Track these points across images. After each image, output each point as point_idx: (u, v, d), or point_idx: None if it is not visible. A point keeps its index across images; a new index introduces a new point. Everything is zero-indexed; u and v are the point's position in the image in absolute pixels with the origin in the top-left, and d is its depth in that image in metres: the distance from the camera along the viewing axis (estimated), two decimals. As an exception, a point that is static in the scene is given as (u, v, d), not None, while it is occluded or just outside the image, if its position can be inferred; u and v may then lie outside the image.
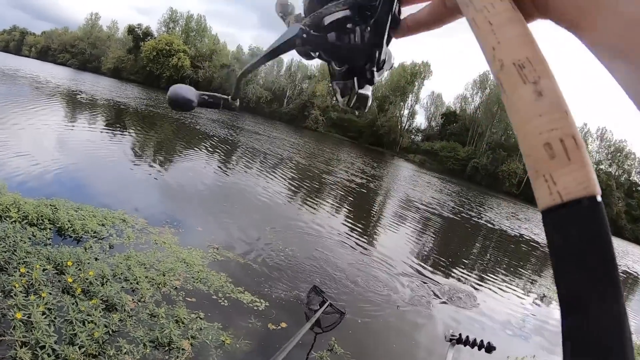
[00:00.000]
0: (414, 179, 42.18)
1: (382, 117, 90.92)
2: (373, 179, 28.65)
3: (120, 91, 46.63)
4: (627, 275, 23.63)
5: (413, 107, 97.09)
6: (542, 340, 8.22)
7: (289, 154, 27.46)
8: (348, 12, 0.57)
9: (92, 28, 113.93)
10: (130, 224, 7.10)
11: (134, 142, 16.46)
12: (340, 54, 0.60)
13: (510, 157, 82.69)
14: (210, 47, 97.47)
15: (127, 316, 4.37)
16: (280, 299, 6.12)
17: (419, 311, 7.36)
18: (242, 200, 11.76)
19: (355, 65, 0.61)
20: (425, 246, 13.01)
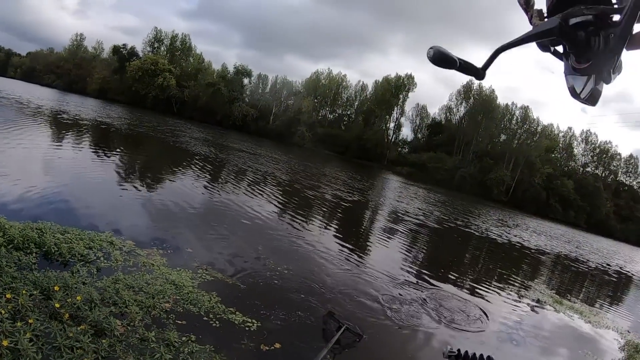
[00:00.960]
0: (402, 191, 42.26)
1: (369, 130, 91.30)
2: (361, 193, 28.69)
3: (106, 112, 46.45)
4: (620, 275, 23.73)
5: (399, 120, 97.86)
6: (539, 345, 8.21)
7: (277, 171, 27.46)
8: (591, 18, 0.68)
9: (77, 49, 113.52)
10: (117, 246, 7.01)
11: (119, 163, 16.36)
12: (585, 53, 0.70)
13: (497, 165, 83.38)
14: (196, 66, 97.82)
15: (117, 341, 4.26)
16: (272, 318, 6.05)
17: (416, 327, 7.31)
18: (231, 219, 11.69)
19: (596, 65, 0.70)
20: (417, 258, 13.00)
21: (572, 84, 0.75)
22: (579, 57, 0.71)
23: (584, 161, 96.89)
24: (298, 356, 5.25)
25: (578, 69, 0.72)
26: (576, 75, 0.74)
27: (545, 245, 28.83)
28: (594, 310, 12.78)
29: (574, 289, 16.23)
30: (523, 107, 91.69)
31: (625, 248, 58.85)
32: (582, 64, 0.71)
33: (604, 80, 0.72)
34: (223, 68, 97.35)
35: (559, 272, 19.65)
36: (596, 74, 0.71)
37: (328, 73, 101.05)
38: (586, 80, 0.73)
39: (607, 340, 10.16)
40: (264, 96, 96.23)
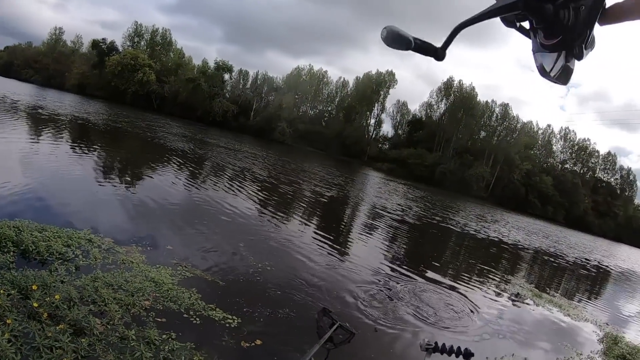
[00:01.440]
0: (382, 187, 42.44)
1: (349, 127, 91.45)
2: (341, 189, 28.77)
3: (85, 107, 45.87)
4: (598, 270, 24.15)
5: (379, 116, 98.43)
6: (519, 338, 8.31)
7: (256, 168, 27.40)
8: None
9: (56, 43, 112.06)
10: (96, 244, 6.94)
11: (98, 159, 16.20)
12: (554, 27, 0.65)
13: (477, 161, 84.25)
14: (176, 61, 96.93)
15: (97, 340, 4.23)
16: (253, 315, 6.05)
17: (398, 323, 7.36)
18: (210, 215, 11.64)
19: (567, 40, 0.66)
20: (396, 253, 13.07)
21: (541, 62, 0.72)
22: (548, 33, 0.68)
23: (562, 158, 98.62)
24: (279, 353, 5.25)
25: (547, 45, 0.69)
26: (545, 53, 0.71)
27: (524, 240, 29.20)
28: (573, 304, 13.00)
29: (553, 283, 16.49)
30: (503, 105, 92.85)
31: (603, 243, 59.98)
32: (551, 39, 0.68)
33: (576, 56, 0.69)
34: (204, 63, 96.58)
35: (538, 267, 19.93)
36: (567, 50, 0.69)
37: (309, 69, 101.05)
38: (556, 57, 0.70)
39: (586, 332, 10.35)
40: (244, 92, 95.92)
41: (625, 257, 45.08)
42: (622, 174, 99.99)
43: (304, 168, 37.42)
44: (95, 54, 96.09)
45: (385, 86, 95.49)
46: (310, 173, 33.91)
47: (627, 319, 13.83)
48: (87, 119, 32.76)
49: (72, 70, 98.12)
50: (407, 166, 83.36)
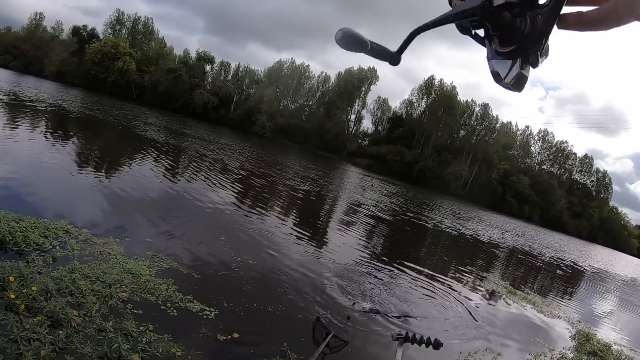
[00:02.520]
0: (361, 182, 42.62)
1: (329, 122, 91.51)
2: (321, 183, 28.84)
3: (63, 95, 45.22)
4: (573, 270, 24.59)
5: (360, 112, 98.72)
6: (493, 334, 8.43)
7: (236, 161, 27.36)
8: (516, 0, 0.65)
9: (36, 28, 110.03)
10: (73, 235, 6.90)
11: (76, 149, 16.02)
12: (511, 35, 0.66)
13: (455, 159, 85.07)
14: (157, 51, 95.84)
15: (74, 332, 4.24)
16: (230, 307, 6.08)
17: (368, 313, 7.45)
18: (188, 207, 11.62)
19: (522, 48, 0.67)
20: (372, 248, 13.15)
21: (496, 69, 0.74)
22: (503, 40, 0.69)
23: (540, 159, 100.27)
24: (256, 346, 5.30)
25: (502, 53, 0.70)
26: (500, 60, 0.72)
27: (500, 238, 29.62)
28: (547, 301, 13.27)
29: (528, 281, 16.77)
30: (483, 105, 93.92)
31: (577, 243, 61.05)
32: (507, 47, 0.69)
33: (531, 64, 0.70)
34: (185, 54, 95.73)
35: (513, 265, 20.24)
36: (522, 58, 0.70)
37: (291, 63, 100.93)
38: (511, 65, 0.71)
39: (559, 329, 10.59)
40: (225, 84, 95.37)
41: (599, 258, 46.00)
42: (598, 177, 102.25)
43: (283, 162, 37.43)
44: (75, 40, 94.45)
45: (367, 82, 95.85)
46: (289, 167, 33.93)
47: (598, 317, 14.17)
48: (65, 107, 32.34)
49: (51, 57, 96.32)
50: (386, 162, 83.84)
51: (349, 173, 54.09)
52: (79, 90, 67.91)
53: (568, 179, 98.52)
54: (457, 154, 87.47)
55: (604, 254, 59.42)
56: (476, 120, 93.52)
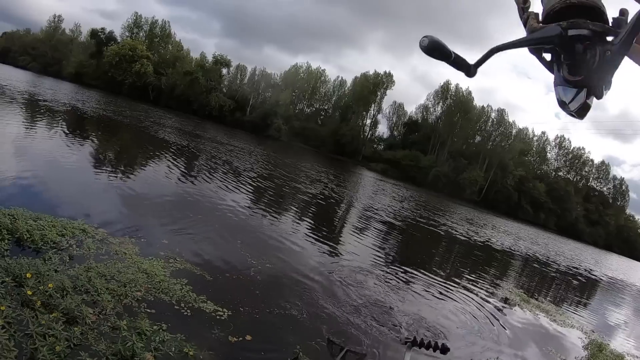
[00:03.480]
0: (376, 187, 42.55)
1: (345, 126, 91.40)
2: (335, 188, 28.82)
3: (81, 97, 45.72)
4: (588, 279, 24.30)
5: (375, 117, 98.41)
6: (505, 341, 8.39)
7: (251, 164, 27.43)
8: (589, 33, 0.69)
9: (55, 31, 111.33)
10: (90, 234, 6.98)
11: (94, 150, 16.21)
12: (580, 66, 0.70)
13: (471, 165, 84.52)
14: (174, 54, 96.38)
15: (89, 329, 4.29)
16: (244, 310, 6.10)
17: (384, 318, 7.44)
18: (203, 210, 11.67)
19: (590, 80, 0.71)
20: (388, 255, 13.12)
21: (561, 96, 0.78)
22: (572, 69, 0.73)
23: (556, 165, 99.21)
24: (268, 349, 5.32)
25: (570, 81, 0.74)
26: (567, 87, 0.76)
27: (515, 246, 29.38)
28: (560, 310, 13.15)
29: (542, 289, 16.63)
30: (499, 110, 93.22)
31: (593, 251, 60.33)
32: (575, 76, 0.73)
33: (596, 95, 0.73)
34: (202, 57, 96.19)
35: (528, 273, 20.07)
36: (588, 88, 0.73)
37: (307, 67, 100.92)
38: (576, 93, 0.75)
39: (572, 338, 10.49)
40: (241, 87, 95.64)
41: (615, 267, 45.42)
42: (615, 184, 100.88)
43: (297, 165, 37.48)
44: (93, 43, 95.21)
45: (383, 87, 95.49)
46: (304, 171, 33.96)
47: (612, 328, 13.99)
48: (82, 108, 32.71)
49: (69, 59, 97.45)
50: (401, 167, 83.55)
51: (364, 178, 54.04)
52: (96, 92, 68.56)
53: (584, 186, 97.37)
54: (472, 159, 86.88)
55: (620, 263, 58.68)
56: (492, 125, 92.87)
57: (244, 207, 13.34)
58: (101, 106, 39.82)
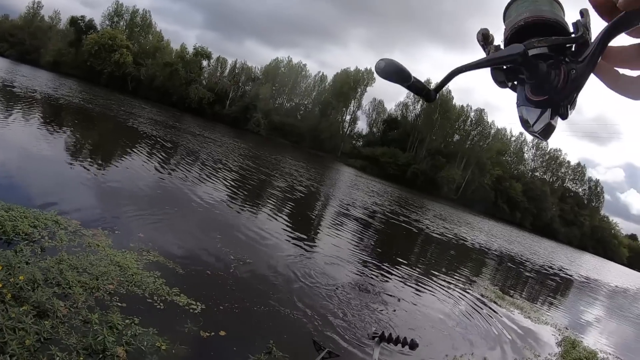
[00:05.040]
0: (354, 183, 42.66)
1: (325, 121, 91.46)
2: (314, 183, 28.85)
3: (58, 86, 44.99)
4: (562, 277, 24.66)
5: (355, 113, 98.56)
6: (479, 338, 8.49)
7: (229, 158, 27.30)
8: (547, 50, 0.68)
9: (34, 17, 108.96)
10: (62, 225, 6.89)
11: (69, 140, 15.98)
12: (544, 85, 0.68)
13: (449, 163, 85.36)
14: (154, 45, 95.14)
15: (60, 323, 4.25)
16: (218, 304, 6.09)
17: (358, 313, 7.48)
18: (178, 202, 11.59)
19: (554, 99, 0.68)
20: (364, 249, 13.16)
21: (525, 116, 0.76)
22: (536, 89, 0.70)
23: (533, 166, 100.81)
24: (242, 343, 5.31)
25: (533, 101, 0.72)
26: (530, 107, 0.74)
27: (491, 244, 29.73)
28: (535, 307, 13.38)
29: (517, 287, 16.87)
30: (478, 110, 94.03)
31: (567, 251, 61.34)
32: (538, 96, 0.70)
33: (561, 115, 0.71)
34: (182, 48, 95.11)
35: (503, 270, 20.33)
36: (552, 109, 0.71)
37: (288, 61, 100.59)
38: (540, 113, 0.72)
39: (546, 335, 10.69)
40: (222, 80, 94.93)
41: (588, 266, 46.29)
42: (590, 185, 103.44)
43: (276, 160, 37.40)
44: (72, 31, 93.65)
45: (363, 83, 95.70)
46: (283, 166, 33.90)
47: (585, 325, 14.26)
48: (59, 97, 32.17)
49: (48, 47, 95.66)
50: (380, 164, 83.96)
51: (342, 174, 54.13)
52: (74, 81, 67.58)
53: (560, 186, 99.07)
54: (450, 158, 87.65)
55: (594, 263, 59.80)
56: (471, 125, 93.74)
57: (221, 201, 13.29)
58: (78, 96, 39.22)
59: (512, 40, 0.73)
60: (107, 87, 79.79)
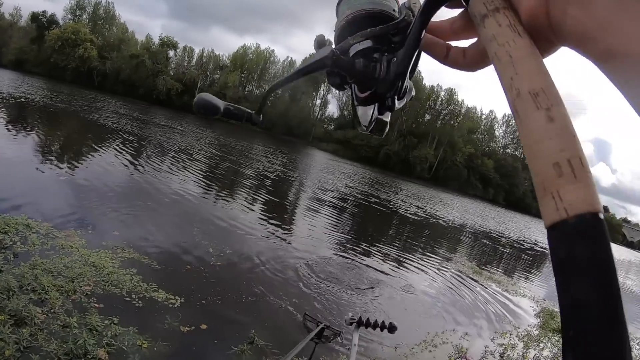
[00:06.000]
0: (327, 167, 42.77)
1: (295, 107, 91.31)
2: (287, 169, 28.87)
3: (21, 85, 43.97)
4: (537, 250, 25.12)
5: (325, 97, 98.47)
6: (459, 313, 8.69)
7: (201, 148, 27.09)
8: (370, 43, 0.62)
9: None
10: (34, 229, 6.78)
11: (34, 140, 15.62)
12: (365, 81, 0.63)
13: (421, 143, 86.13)
14: (119, 37, 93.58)
15: (38, 330, 4.22)
16: (197, 296, 6.08)
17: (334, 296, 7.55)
18: (151, 197, 11.45)
19: (379, 93, 0.64)
20: (339, 232, 13.22)
21: (359, 116, 0.72)
22: (361, 86, 0.67)
23: (504, 143, 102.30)
24: (224, 336, 5.33)
25: (362, 98, 0.67)
26: (362, 106, 0.70)
27: (465, 220, 30.15)
28: (512, 280, 13.67)
29: (493, 261, 17.16)
30: (448, 90, 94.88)
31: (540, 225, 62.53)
32: (365, 92, 0.66)
33: (388, 108, 0.66)
34: (147, 39, 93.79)
35: (479, 246, 20.64)
36: (379, 103, 0.66)
37: (256, 48, 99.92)
38: (371, 111, 0.68)
39: (524, 307, 10.94)
40: (189, 70, 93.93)
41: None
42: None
43: (248, 148, 37.25)
44: (34, 27, 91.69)
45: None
46: (255, 153, 33.81)
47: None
48: (23, 97, 31.45)
49: (9, 45, 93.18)
50: (353, 147, 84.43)
51: (315, 158, 54.21)
52: (38, 79, 66.07)
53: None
54: (422, 138, 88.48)
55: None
56: (441, 104, 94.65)
57: (195, 193, 13.19)
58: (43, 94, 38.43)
59: (339, 41, 0.67)
60: (73, 83, 78.23)
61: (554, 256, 0.28)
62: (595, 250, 0.25)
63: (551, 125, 0.30)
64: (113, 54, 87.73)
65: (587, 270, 0.25)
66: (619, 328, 0.24)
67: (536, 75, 0.32)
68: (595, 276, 0.25)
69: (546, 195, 0.30)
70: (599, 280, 0.25)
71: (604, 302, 0.24)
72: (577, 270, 0.25)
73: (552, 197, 0.29)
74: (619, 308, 0.24)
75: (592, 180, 0.28)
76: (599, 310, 0.24)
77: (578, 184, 0.27)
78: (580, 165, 0.28)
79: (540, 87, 0.32)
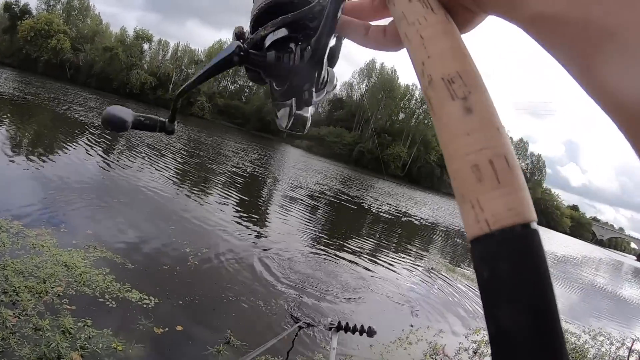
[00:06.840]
0: (301, 164, 42.78)
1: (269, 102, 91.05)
2: (260, 165, 28.77)
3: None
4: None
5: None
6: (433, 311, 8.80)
7: (175, 144, 26.83)
8: (285, 32, 0.56)
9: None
10: (4, 228, 6.62)
11: (5, 134, 15.27)
12: (279, 74, 0.58)
13: (394, 141, 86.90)
14: (93, 28, 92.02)
15: (10, 333, 4.14)
16: (171, 295, 6.04)
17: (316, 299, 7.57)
18: (126, 193, 11.33)
19: (294, 86, 0.58)
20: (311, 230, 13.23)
21: (275, 111, 0.67)
22: (277, 81, 0.62)
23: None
24: (199, 337, 5.30)
25: (279, 93, 0.63)
26: (278, 102, 0.64)
27: (438, 218, 30.47)
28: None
29: (465, 259, 17.33)
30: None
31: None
32: (281, 87, 0.61)
33: (305, 102, 0.61)
34: (122, 31, 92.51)
35: (451, 244, 20.85)
36: (296, 97, 0.61)
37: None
38: (288, 106, 0.63)
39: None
40: (164, 63, 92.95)
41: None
42: (533, 160, 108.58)
43: (222, 144, 37.02)
44: (7, 17, 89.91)
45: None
46: (228, 149, 33.60)
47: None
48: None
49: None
50: (326, 144, 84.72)
51: (289, 154, 54.20)
52: (9, 71, 64.54)
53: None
54: (396, 135, 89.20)
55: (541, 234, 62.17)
56: (416, 103, 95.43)
57: (169, 190, 13.07)
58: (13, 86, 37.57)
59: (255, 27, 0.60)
60: (45, 75, 76.81)
61: (478, 276, 0.24)
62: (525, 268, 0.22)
63: (469, 118, 0.25)
64: (86, 46, 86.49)
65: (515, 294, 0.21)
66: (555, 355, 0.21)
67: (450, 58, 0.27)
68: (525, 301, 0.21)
69: (465, 204, 0.25)
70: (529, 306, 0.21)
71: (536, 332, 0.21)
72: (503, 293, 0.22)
73: (471, 207, 0.25)
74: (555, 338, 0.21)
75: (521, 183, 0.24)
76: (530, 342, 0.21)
77: (502, 189, 0.23)
78: (506, 166, 0.24)
79: (456, 71, 0.27)
